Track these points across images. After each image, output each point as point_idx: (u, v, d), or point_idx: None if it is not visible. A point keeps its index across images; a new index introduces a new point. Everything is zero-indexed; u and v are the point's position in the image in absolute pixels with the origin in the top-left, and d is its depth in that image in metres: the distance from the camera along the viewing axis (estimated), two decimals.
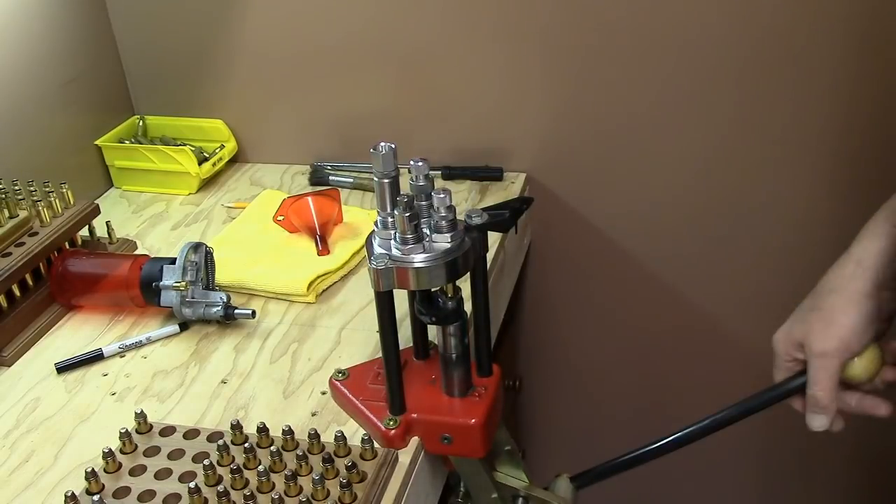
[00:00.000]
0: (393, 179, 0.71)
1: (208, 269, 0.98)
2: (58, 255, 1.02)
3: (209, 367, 0.92)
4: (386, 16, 1.24)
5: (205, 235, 1.18)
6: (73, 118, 1.27)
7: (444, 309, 0.74)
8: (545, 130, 1.26)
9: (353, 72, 1.29)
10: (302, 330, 0.97)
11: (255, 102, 1.35)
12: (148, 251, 1.14)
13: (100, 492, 0.73)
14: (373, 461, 0.74)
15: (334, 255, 1.07)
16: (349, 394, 0.81)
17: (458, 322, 0.75)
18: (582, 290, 1.39)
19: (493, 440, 0.79)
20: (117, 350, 0.94)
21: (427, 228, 0.70)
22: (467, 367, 0.77)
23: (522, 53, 1.22)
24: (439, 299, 0.75)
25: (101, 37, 1.32)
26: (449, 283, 0.73)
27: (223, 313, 0.95)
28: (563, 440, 1.56)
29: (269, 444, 0.77)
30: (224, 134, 1.36)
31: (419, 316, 0.76)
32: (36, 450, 0.82)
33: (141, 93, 1.38)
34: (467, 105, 1.26)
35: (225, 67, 1.33)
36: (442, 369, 0.77)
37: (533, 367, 1.49)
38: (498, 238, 1.09)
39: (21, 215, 1.01)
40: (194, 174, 1.27)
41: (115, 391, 0.89)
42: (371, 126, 1.30)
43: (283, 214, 1.13)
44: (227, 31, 1.30)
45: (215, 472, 0.73)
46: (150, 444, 0.78)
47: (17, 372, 0.93)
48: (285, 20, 1.27)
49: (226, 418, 0.84)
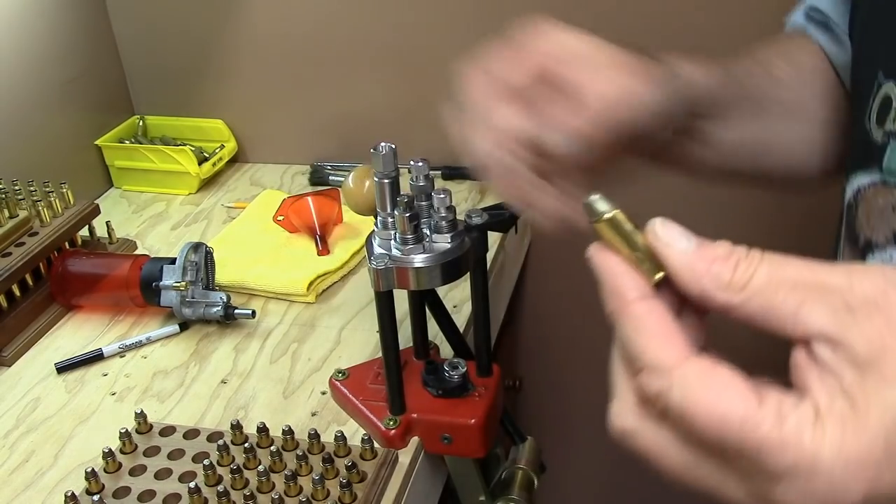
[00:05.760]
0: (393, 179, 0.71)
1: (208, 269, 0.98)
2: (58, 255, 1.02)
3: (209, 367, 0.92)
4: (386, 16, 1.24)
5: (205, 235, 1.18)
6: (73, 118, 1.27)
7: (450, 382, 0.76)
8: None
9: (353, 72, 1.29)
10: (302, 330, 0.97)
11: (255, 102, 1.35)
12: (148, 251, 1.13)
13: (100, 492, 0.73)
14: (373, 461, 0.74)
15: (334, 255, 1.07)
16: (349, 394, 0.81)
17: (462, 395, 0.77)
18: (582, 290, 1.39)
19: (493, 440, 0.79)
20: (117, 350, 0.94)
21: (427, 228, 0.70)
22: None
23: None
24: (446, 372, 0.76)
25: (101, 37, 1.32)
26: (456, 358, 0.77)
27: (223, 313, 0.95)
28: (563, 439, 1.56)
29: (269, 444, 0.77)
30: (224, 134, 1.36)
31: (425, 388, 0.78)
32: (36, 450, 0.82)
33: (141, 93, 1.38)
34: None
35: (225, 67, 1.33)
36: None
37: (533, 367, 1.49)
38: (498, 238, 1.09)
39: (21, 215, 1.01)
40: (194, 174, 1.27)
41: (115, 391, 0.89)
42: (371, 126, 1.30)
43: (283, 214, 1.13)
44: (227, 32, 1.30)
45: (215, 472, 0.73)
46: (150, 444, 0.78)
47: (17, 372, 0.93)
48: (286, 20, 1.27)
49: (226, 418, 0.84)
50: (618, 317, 0.38)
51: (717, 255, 0.37)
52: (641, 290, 0.38)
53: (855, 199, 0.60)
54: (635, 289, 0.38)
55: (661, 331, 0.37)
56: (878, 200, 0.57)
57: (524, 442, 0.86)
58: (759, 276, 0.36)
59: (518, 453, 0.85)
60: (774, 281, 0.35)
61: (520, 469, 0.84)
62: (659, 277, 0.38)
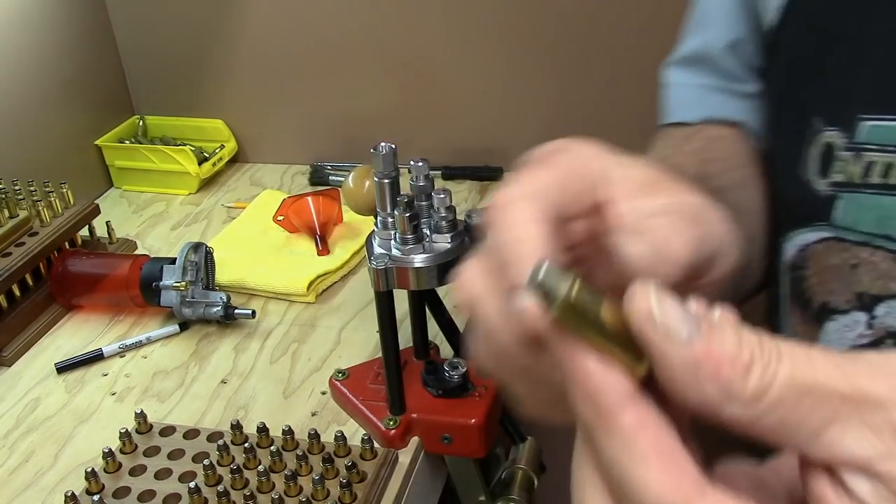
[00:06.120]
0: (393, 179, 0.71)
1: (208, 269, 0.98)
2: (58, 255, 1.02)
3: (209, 367, 0.92)
4: (386, 16, 1.24)
5: (205, 235, 1.18)
6: (73, 118, 1.27)
7: (450, 382, 0.76)
8: (545, 130, 1.25)
9: (353, 72, 1.29)
10: (302, 330, 0.97)
11: (255, 102, 1.35)
12: (148, 251, 1.13)
13: (100, 492, 0.73)
14: (373, 461, 0.74)
15: (334, 255, 1.07)
16: (349, 394, 0.81)
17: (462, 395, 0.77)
18: None
19: (493, 440, 0.79)
20: (117, 350, 0.94)
21: (427, 228, 0.70)
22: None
23: (522, 53, 1.22)
24: (446, 372, 0.76)
25: (101, 37, 1.32)
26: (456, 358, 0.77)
27: (223, 313, 0.95)
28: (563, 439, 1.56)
29: (269, 444, 0.77)
30: (224, 134, 1.36)
31: (425, 388, 0.78)
32: (36, 450, 0.82)
33: (141, 93, 1.38)
34: (467, 105, 1.26)
35: (225, 67, 1.33)
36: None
37: None
38: None
39: (21, 215, 1.01)
40: (194, 174, 1.27)
41: (115, 391, 0.89)
42: (371, 126, 1.30)
43: (283, 214, 1.13)
44: (227, 32, 1.30)
45: (215, 472, 0.73)
46: (150, 444, 0.78)
47: (17, 372, 0.93)
48: (285, 20, 1.27)
49: (226, 418, 0.84)
50: (599, 432, 0.27)
51: (724, 354, 0.26)
52: (628, 392, 0.27)
53: (800, 258, 0.54)
54: (620, 392, 0.27)
55: (663, 453, 0.27)
56: (832, 259, 0.52)
57: (524, 442, 0.86)
58: (779, 382, 0.26)
59: (518, 453, 0.85)
60: (798, 388, 0.26)
61: (520, 469, 0.84)
62: (644, 369, 0.28)
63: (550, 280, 0.27)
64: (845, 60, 0.51)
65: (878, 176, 0.49)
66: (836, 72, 0.52)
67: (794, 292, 0.56)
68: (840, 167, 0.50)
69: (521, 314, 0.28)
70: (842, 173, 0.50)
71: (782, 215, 0.57)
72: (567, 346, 0.28)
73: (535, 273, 0.27)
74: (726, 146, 0.61)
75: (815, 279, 0.53)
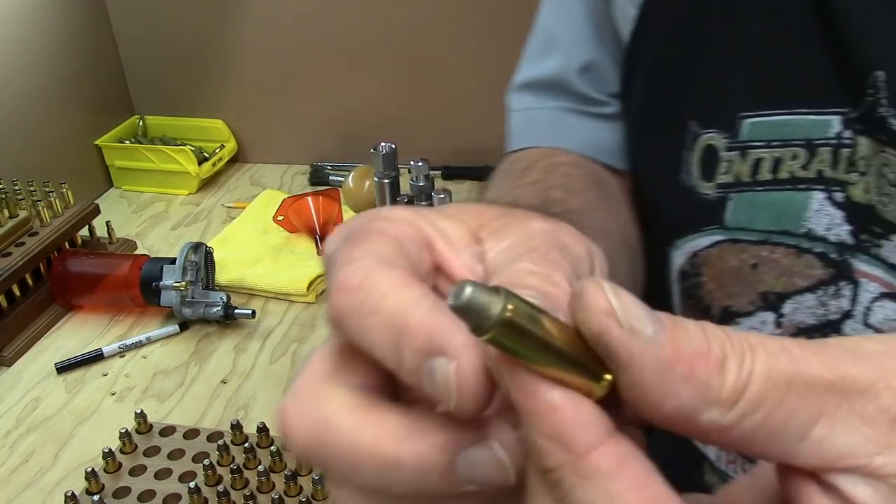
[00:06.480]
0: (393, 179, 0.71)
1: (208, 269, 0.98)
2: (58, 255, 1.02)
3: (209, 367, 0.92)
4: (386, 16, 1.24)
5: (205, 235, 1.18)
6: (73, 118, 1.27)
7: None
8: None
9: (353, 72, 1.29)
10: (302, 330, 0.97)
11: (255, 102, 1.35)
12: (148, 251, 1.13)
13: (100, 492, 0.73)
14: None
15: None
16: None
17: None
18: None
19: None
20: (117, 350, 0.94)
21: None
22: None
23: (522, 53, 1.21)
24: None
25: (101, 37, 1.32)
26: None
27: (223, 313, 0.95)
28: None
29: (269, 444, 0.77)
30: (224, 134, 1.36)
31: None
32: (36, 450, 0.82)
33: (141, 93, 1.38)
34: (467, 105, 1.26)
35: (225, 67, 1.33)
36: None
37: None
38: None
39: (21, 215, 1.01)
40: (194, 174, 1.27)
41: (115, 391, 0.89)
42: (371, 126, 1.30)
43: (283, 214, 1.13)
44: (227, 32, 1.30)
45: (215, 472, 0.73)
46: (150, 444, 0.78)
47: (17, 372, 0.93)
48: (285, 20, 1.27)
49: (226, 418, 0.83)
50: (568, 476, 0.22)
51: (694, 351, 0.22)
52: (604, 427, 0.22)
53: (692, 265, 0.52)
54: (594, 426, 0.22)
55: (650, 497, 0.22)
56: (729, 261, 0.49)
57: None
58: (757, 377, 0.22)
59: None
60: (778, 381, 0.22)
61: None
62: (603, 388, 0.23)
63: (479, 297, 0.21)
64: (717, 60, 0.49)
65: (768, 172, 0.48)
66: (710, 72, 0.50)
67: (688, 301, 0.53)
68: (726, 168, 0.48)
69: (452, 377, 0.23)
70: (728, 174, 0.48)
71: (666, 225, 0.54)
72: (520, 375, 0.22)
73: (458, 294, 0.21)
74: (570, 171, 0.58)
75: (712, 284, 0.50)
